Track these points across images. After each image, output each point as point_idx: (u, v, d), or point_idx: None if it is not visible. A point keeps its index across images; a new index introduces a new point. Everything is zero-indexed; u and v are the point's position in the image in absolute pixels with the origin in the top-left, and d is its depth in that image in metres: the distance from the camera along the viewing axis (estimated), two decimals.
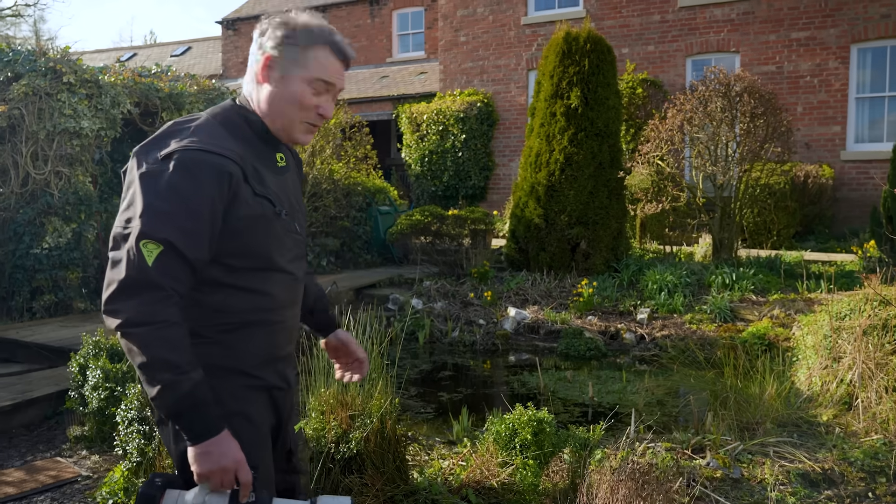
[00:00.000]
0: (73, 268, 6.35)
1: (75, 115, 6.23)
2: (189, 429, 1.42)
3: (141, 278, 1.39)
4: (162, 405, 1.41)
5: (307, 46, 1.56)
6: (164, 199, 1.41)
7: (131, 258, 1.39)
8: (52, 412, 4.21)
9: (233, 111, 1.60)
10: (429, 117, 13.76)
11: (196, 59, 22.60)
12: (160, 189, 1.42)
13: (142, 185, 1.43)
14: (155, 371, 1.38)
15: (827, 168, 10.74)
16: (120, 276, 1.39)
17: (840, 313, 4.40)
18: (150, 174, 1.43)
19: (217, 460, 1.42)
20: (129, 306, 1.38)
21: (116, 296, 1.40)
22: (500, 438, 3.02)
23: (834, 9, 11.02)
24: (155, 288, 1.39)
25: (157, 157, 1.45)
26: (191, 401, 1.40)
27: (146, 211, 1.40)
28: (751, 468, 3.03)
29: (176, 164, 1.43)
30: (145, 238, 1.39)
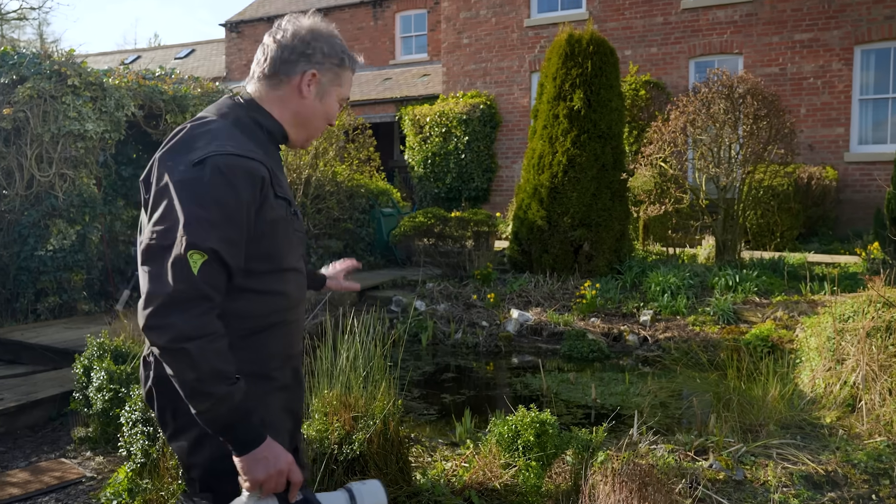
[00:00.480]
0: (78, 270, 6.37)
1: (80, 117, 6.26)
2: (239, 439, 1.39)
3: (189, 290, 1.35)
4: (213, 419, 1.37)
5: (344, 67, 1.67)
6: (206, 206, 1.38)
7: (178, 269, 1.35)
8: (56, 413, 4.23)
9: (241, 112, 1.58)
10: (432, 119, 13.77)
11: (200, 61, 22.67)
12: (200, 196, 1.38)
13: (179, 193, 1.39)
14: (209, 384, 1.35)
15: (830, 170, 10.72)
16: (166, 290, 1.34)
17: (843, 315, 4.39)
18: (188, 181, 1.39)
19: (273, 464, 1.41)
20: (179, 320, 1.34)
21: (163, 310, 1.34)
22: (502, 440, 3.02)
23: (837, 10, 11.01)
24: (203, 299, 1.36)
25: (188, 162, 1.41)
26: (242, 412, 1.38)
27: (189, 220, 1.36)
28: (754, 470, 3.03)
29: (213, 169, 1.39)
30: (193, 248, 1.35)
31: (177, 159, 1.43)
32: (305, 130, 1.65)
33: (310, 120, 1.64)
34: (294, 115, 1.62)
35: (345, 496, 1.54)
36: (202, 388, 1.35)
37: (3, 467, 3.57)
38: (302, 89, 1.60)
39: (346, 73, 1.68)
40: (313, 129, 1.66)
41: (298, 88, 1.60)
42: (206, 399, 1.36)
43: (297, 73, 1.60)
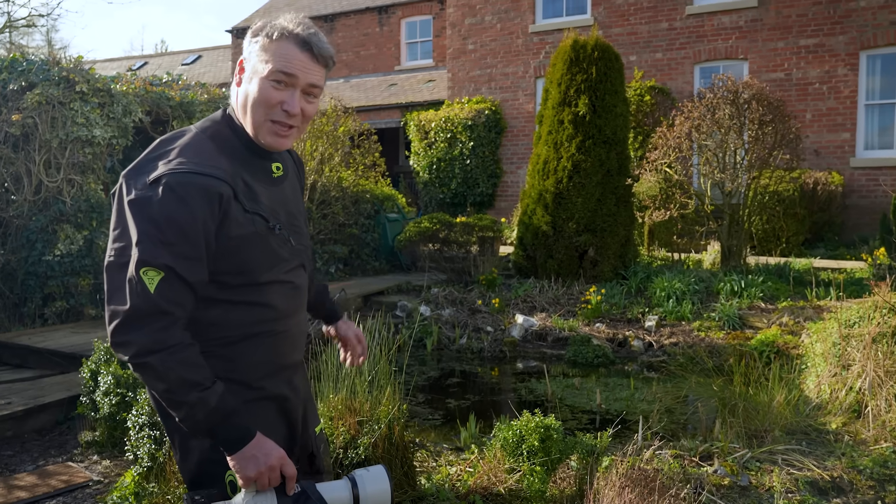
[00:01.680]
0: (85, 274, 6.41)
1: (87, 123, 6.31)
2: (226, 440, 1.42)
3: (146, 306, 1.37)
4: (194, 425, 1.41)
5: (270, 42, 1.51)
6: (158, 224, 1.39)
7: (133, 287, 1.38)
8: (63, 417, 4.25)
9: (222, 123, 1.57)
10: (437, 125, 13.81)
11: (206, 67, 22.79)
12: (152, 215, 1.39)
13: (133, 212, 1.41)
14: (179, 394, 1.38)
15: (836, 175, 10.70)
16: (124, 307, 1.38)
17: (849, 321, 4.38)
18: (140, 200, 1.40)
19: (264, 461, 1.44)
20: (138, 336, 1.37)
21: (123, 327, 1.38)
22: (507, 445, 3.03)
23: (843, 16, 11.01)
24: (161, 314, 1.38)
25: (145, 182, 1.42)
26: (221, 413, 1.41)
27: (142, 238, 1.38)
28: (759, 476, 3.02)
29: (164, 188, 1.40)
30: (145, 266, 1.37)
31: (136, 178, 1.44)
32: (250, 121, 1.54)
33: (247, 108, 1.53)
34: (239, 109, 1.56)
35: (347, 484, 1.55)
36: (174, 398, 1.39)
37: (10, 471, 3.59)
38: (236, 79, 1.57)
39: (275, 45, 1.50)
40: (255, 118, 1.53)
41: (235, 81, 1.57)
42: (180, 407, 1.39)
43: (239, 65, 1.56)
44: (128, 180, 1.46)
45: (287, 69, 1.50)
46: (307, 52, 1.52)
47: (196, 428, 1.42)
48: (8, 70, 6.21)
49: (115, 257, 1.42)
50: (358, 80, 18.31)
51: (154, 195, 1.40)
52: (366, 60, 18.71)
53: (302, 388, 1.73)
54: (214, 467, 1.52)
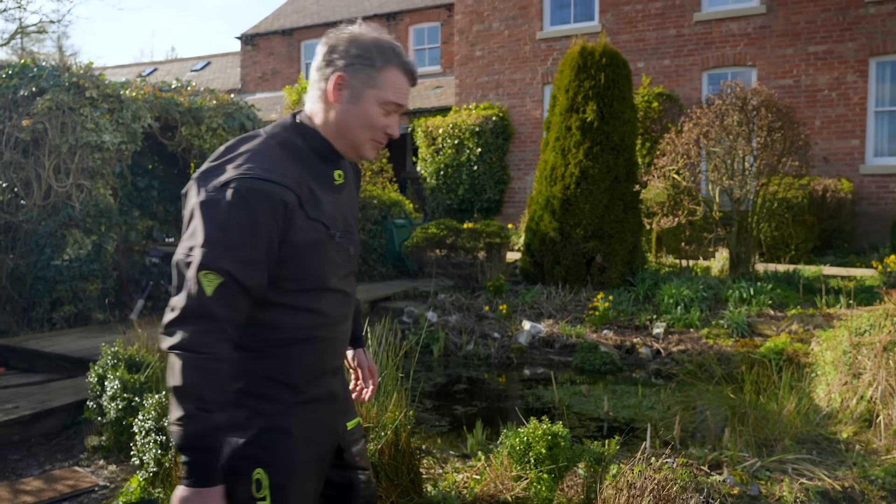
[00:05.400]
0: (93, 279, 6.44)
1: (97, 129, 6.34)
2: (189, 467, 1.39)
3: (198, 308, 1.41)
4: (175, 432, 1.40)
5: (381, 67, 1.56)
6: (224, 229, 1.43)
7: (191, 287, 1.42)
8: (70, 422, 4.26)
9: (292, 130, 1.60)
10: (444, 131, 13.82)
11: (215, 73, 22.93)
12: (219, 219, 1.43)
13: (202, 214, 1.45)
14: (183, 398, 1.39)
15: (846, 182, 10.64)
16: (181, 304, 1.42)
17: (860, 329, 4.34)
18: (209, 203, 1.45)
19: None
20: (183, 332, 1.41)
21: (175, 320, 1.42)
22: (514, 452, 3.01)
23: (852, 22, 10.97)
24: (210, 318, 1.41)
25: (214, 185, 1.46)
26: (202, 442, 1.39)
27: (207, 242, 1.43)
28: (769, 485, 2.99)
29: (232, 192, 1.44)
30: (205, 269, 1.41)
31: (207, 180, 1.49)
32: (348, 139, 1.60)
33: (348, 128, 1.58)
34: (332, 123, 1.59)
35: None
36: (177, 399, 1.39)
37: (17, 475, 3.60)
38: (330, 94, 1.56)
39: (387, 73, 1.57)
40: (356, 137, 1.59)
41: (329, 94, 1.56)
42: (177, 410, 1.39)
43: (327, 78, 1.57)
44: (198, 183, 1.50)
45: (399, 100, 1.59)
46: (410, 81, 1.62)
47: (176, 436, 1.40)
48: (19, 76, 6.25)
49: (184, 256, 1.46)
50: None
51: (222, 199, 1.44)
52: None
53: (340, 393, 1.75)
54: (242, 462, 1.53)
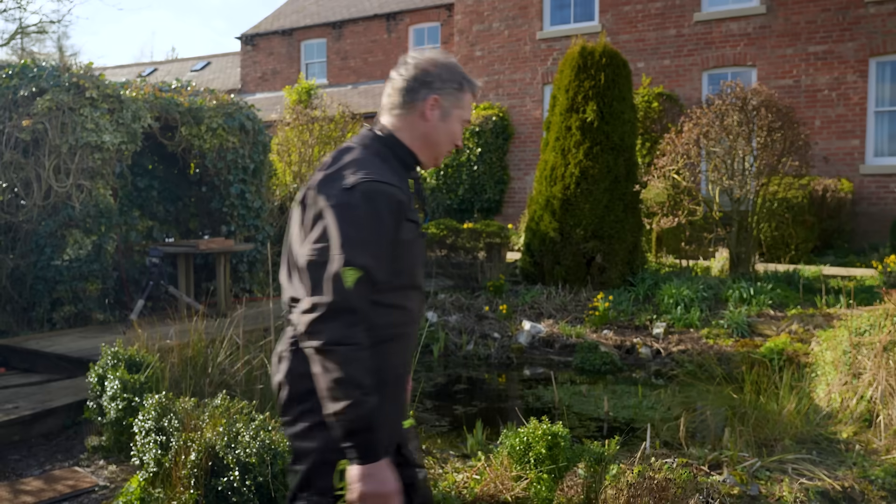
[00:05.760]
0: (93, 279, 6.43)
1: (97, 129, 6.34)
2: (359, 448, 1.53)
3: (343, 303, 1.54)
4: (342, 421, 1.52)
5: (463, 90, 1.83)
6: (358, 227, 1.58)
7: (335, 283, 1.54)
8: (70, 422, 4.26)
9: (380, 143, 1.78)
10: None
11: (215, 73, 22.92)
12: (352, 219, 1.58)
13: (335, 215, 1.59)
14: (346, 388, 1.51)
15: (846, 182, 10.64)
16: (324, 300, 1.54)
17: (860, 329, 4.34)
18: (341, 205, 1.59)
19: (380, 484, 1.54)
20: (331, 327, 1.53)
21: (321, 318, 1.54)
22: (514, 452, 3.01)
23: (852, 22, 10.97)
24: (353, 311, 1.54)
25: (340, 188, 1.61)
26: (367, 422, 1.52)
27: (345, 240, 1.56)
28: (769, 485, 2.99)
29: (360, 194, 1.59)
30: (347, 265, 1.54)
31: (331, 185, 1.64)
32: (433, 151, 1.83)
33: (436, 141, 1.82)
34: (422, 137, 1.80)
35: None
36: (339, 389, 1.52)
37: (17, 475, 3.60)
38: (426, 113, 1.78)
39: (466, 96, 1.84)
40: (440, 149, 1.84)
41: (423, 113, 1.78)
42: (339, 400, 1.52)
43: (420, 99, 1.78)
44: (321, 189, 1.65)
45: (469, 118, 1.88)
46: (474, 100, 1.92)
47: (343, 425, 1.52)
48: (19, 76, 6.25)
49: (316, 256, 1.59)
50: (366, 86, 18.37)
51: (352, 200, 1.59)
52: (374, 67, 18.77)
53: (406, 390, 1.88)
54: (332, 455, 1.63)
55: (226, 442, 2.80)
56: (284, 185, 9.57)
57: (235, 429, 2.87)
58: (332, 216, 1.59)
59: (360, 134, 1.83)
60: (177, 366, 3.86)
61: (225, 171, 7.72)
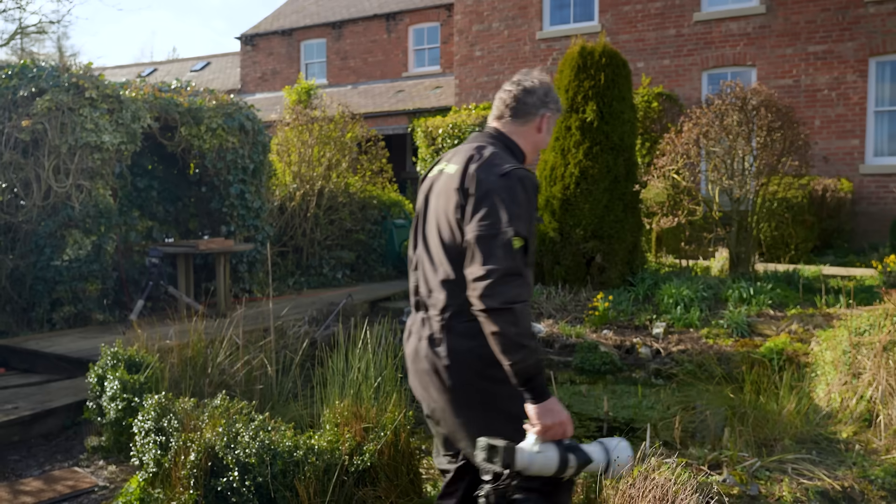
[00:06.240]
0: (93, 280, 6.43)
1: (97, 129, 6.34)
2: (536, 388, 1.82)
3: (514, 267, 1.83)
4: (523, 368, 1.80)
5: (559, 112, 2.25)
6: (518, 204, 1.90)
7: (507, 252, 1.83)
8: (70, 422, 4.25)
9: (501, 142, 2.13)
10: (444, 131, 13.81)
11: (215, 73, 22.92)
12: (514, 197, 1.90)
13: (500, 194, 1.90)
14: (525, 338, 1.80)
15: (845, 182, 10.64)
16: (498, 266, 1.82)
17: (859, 328, 4.34)
18: (503, 187, 1.91)
19: (558, 414, 1.83)
20: (508, 289, 1.80)
21: (497, 281, 1.81)
22: None
23: (851, 22, 10.97)
24: (520, 274, 1.84)
25: (498, 174, 1.93)
26: (539, 366, 1.83)
27: (511, 214, 1.87)
28: (768, 485, 2.99)
29: (516, 178, 1.93)
30: (516, 235, 1.85)
31: (489, 171, 1.95)
32: (533, 156, 2.23)
33: (539, 148, 2.23)
34: (532, 144, 2.19)
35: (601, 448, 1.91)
36: (520, 341, 1.79)
37: (17, 475, 3.59)
38: (541, 127, 2.19)
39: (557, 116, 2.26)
40: (537, 154, 2.31)
41: (538, 126, 2.18)
42: (522, 350, 1.79)
43: (538, 115, 2.17)
44: (482, 173, 1.95)
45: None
46: None
47: (523, 371, 1.80)
48: (18, 76, 6.25)
49: (485, 230, 1.86)
50: (365, 86, 18.37)
51: (510, 183, 1.92)
52: (373, 67, 18.77)
53: None
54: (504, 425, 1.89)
55: (225, 442, 2.80)
56: (284, 186, 9.57)
57: (235, 429, 2.87)
58: (497, 196, 1.88)
59: (483, 134, 2.16)
60: (176, 366, 3.86)
61: (224, 171, 7.72)
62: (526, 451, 1.81)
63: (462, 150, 2.09)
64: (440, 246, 2.01)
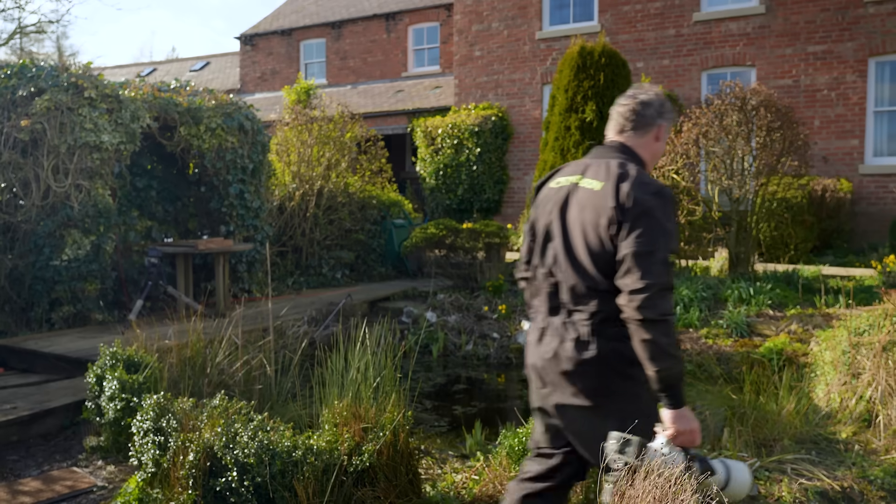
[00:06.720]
0: (92, 279, 6.42)
1: (96, 129, 6.33)
2: (674, 397, 1.99)
3: (669, 281, 1.99)
4: (668, 376, 1.96)
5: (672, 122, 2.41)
6: (671, 221, 2.06)
7: (664, 267, 1.99)
8: (69, 422, 4.25)
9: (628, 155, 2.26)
10: (444, 131, 13.81)
11: (215, 73, 22.91)
12: (668, 215, 2.06)
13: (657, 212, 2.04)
14: (675, 349, 1.97)
15: (845, 182, 10.63)
16: (655, 281, 1.96)
17: (859, 329, 4.34)
18: (657, 206, 2.05)
19: (690, 422, 2.01)
20: (663, 302, 1.97)
21: (656, 294, 1.96)
22: (513, 452, 3.01)
23: (851, 22, 10.97)
24: (672, 289, 2.03)
25: (652, 193, 2.07)
26: (681, 376, 2.00)
27: (667, 232, 2.03)
28: (768, 486, 2.99)
29: (668, 198, 2.09)
30: (671, 252, 2.03)
31: (644, 190, 2.08)
32: (652, 165, 2.35)
33: (656, 156, 2.36)
34: (649, 154, 2.32)
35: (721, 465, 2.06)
36: (670, 350, 1.96)
37: (15, 475, 3.59)
38: (659, 136, 2.33)
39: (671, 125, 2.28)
40: (656, 162, 2.41)
41: (656, 136, 2.32)
42: (671, 359, 1.96)
43: (655, 126, 2.31)
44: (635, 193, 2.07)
45: None
46: None
47: (667, 378, 1.96)
48: (17, 76, 6.24)
49: (643, 247, 2.00)
50: (365, 86, 18.36)
51: (665, 201, 2.08)
52: (373, 67, 18.77)
53: None
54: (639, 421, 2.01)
55: (224, 442, 2.79)
56: (283, 185, 9.57)
57: (234, 429, 2.86)
58: (653, 215, 2.03)
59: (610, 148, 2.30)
60: (175, 366, 3.86)
61: (224, 171, 7.71)
62: (655, 451, 1.96)
63: (597, 165, 2.23)
64: (588, 256, 2.14)
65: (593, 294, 2.12)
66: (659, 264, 1.97)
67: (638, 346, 1.99)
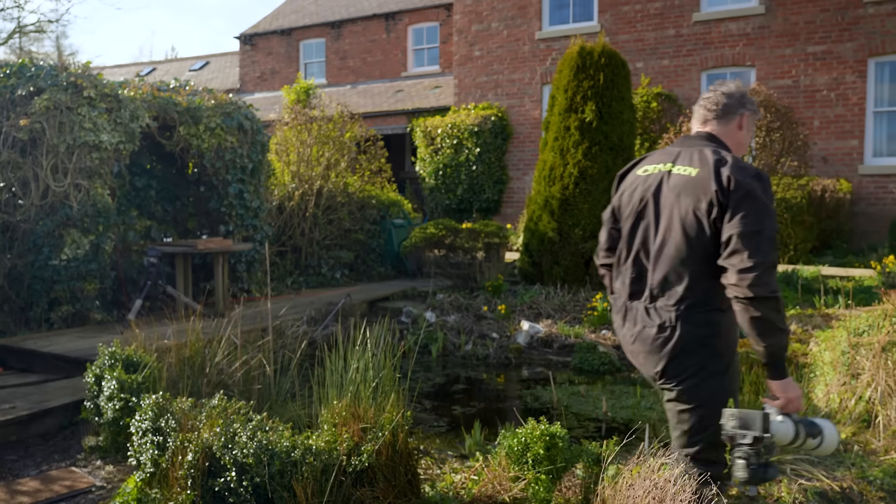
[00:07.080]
0: (91, 279, 6.42)
1: (95, 128, 6.33)
2: (780, 368, 2.13)
3: (775, 259, 2.09)
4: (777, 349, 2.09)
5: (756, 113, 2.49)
6: (772, 202, 2.16)
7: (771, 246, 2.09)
8: (67, 422, 4.25)
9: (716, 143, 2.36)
10: (443, 131, 13.81)
11: (214, 73, 22.90)
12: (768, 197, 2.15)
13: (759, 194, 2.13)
14: (784, 323, 2.08)
15: (844, 182, 10.64)
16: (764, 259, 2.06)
17: (858, 329, 4.34)
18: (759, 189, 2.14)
19: (795, 389, 2.15)
20: (771, 280, 2.06)
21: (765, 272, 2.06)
22: (512, 453, 3.00)
23: (851, 23, 10.97)
24: (776, 266, 2.11)
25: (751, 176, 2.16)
26: (786, 349, 2.14)
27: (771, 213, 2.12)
28: (767, 486, 2.98)
29: (766, 180, 2.18)
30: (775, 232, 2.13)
31: (742, 174, 2.17)
32: (738, 153, 2.41)
33: (742, 146, 2.45)
34: (734, 142, 2.41)
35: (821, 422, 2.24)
36: (780, 325, 2.07)
37: (14, 475, 3.59)
38: (742, 125, 2.43)
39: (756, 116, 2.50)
40: (741, 152, 2.45)
41: (739, 125, 2.42)
42: (780, 333, 2.08)
43: (738, 115, 2.41)
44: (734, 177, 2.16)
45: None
46: None
47: (777, 352, 2.10)
48: (17, 75, 6.23)
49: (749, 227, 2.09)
50: (365, 86, 18.36)
51: (765, 184, 2.17)
52: (372, 67, 18.76)
53: None
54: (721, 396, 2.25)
55: (223, 442, 2.79)
56: (283, 185, 9.56)
57: (232, 429, 2.86)
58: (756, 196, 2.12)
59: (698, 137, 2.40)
60: (174, 366, 3.85)
61: (223, 170, 7.71)
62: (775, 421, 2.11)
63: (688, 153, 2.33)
64: (685, 241, 2.22)
65: (683, 279, 2.22)
66: (766, 243, 2.07)
67: (746, 324, 2.09)
